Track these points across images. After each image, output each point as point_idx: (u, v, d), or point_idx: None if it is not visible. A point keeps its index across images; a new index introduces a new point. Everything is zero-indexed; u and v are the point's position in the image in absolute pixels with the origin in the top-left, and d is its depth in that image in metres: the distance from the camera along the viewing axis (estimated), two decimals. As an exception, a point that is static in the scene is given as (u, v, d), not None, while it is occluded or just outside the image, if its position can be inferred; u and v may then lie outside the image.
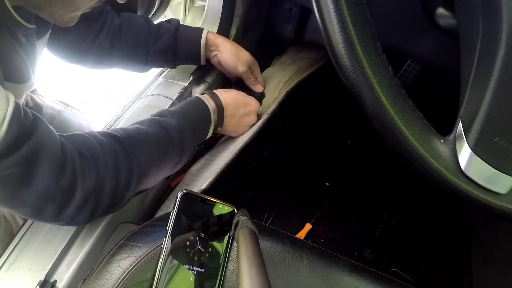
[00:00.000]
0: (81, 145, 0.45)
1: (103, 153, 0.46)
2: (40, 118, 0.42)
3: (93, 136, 0.48)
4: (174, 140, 0.54)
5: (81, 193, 0.44)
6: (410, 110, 0.31)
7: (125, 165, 0.48)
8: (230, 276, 0.41)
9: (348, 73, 0.29)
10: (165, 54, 0.71)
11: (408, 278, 0.81)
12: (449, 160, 0.31)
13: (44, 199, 0.41)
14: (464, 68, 0.34)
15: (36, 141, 0.40)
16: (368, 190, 0.97)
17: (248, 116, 0.70)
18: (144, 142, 0.51)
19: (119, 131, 0.51)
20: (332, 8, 0.28)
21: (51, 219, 0.44)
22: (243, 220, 0.40)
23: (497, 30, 0.27)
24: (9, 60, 0.45)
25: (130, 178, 0.48)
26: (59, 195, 0.42)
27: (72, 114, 0.80)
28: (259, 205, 0.89)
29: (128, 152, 0.48)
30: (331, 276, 0.44)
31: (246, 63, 0.75)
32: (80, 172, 0.43)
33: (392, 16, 0.51)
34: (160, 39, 0.70)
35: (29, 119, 0.40)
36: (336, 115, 1.08)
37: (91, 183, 0.44)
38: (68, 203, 0.43)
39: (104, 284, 0.39)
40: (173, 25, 0.71)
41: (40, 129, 0.41)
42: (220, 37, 0.75)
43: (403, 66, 1.01)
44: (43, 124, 0.42)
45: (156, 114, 0.57)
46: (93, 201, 0.45)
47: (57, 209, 0.43)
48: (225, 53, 0.74)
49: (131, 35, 0.69)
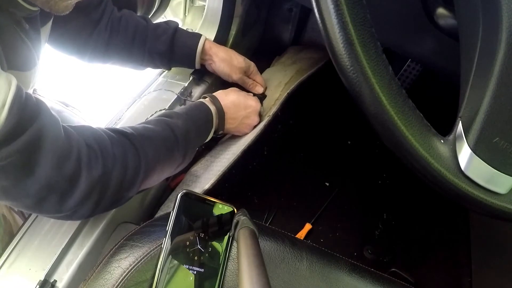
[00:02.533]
0: (89, 136, 0.45)
1: (112, 146, 0.46)
2: (43, 103, 0.41)
3: (103, 131, 0.48)
4: (179, 141, 0.55)
5: (86, 183, 0.43)
6: (410, 110, 0.30)
7: (133, 160, 0.48)
8: (230, 276, 0.41)
9: (348, 73, 0.29)
10: (162, 56, 0.72)
11: (408, 278, 0.81)
12: (449, 160, 0.31)
13: (47, 188, 0.41)
14: (464, 68, 0.34)
15: (39, 127, 0.39)
16: (368, 190, 0.97)
17: (249, 117, 0.71)
18: (152, 140, 0.51)
19: (127, 128, 0.51)
20: (332, 8, 0.28)
21: (53, 210, 0.43)
22: (243, 220, 0.40)
23: (497, 30, 0.27)
24: (13, 47, 0.44)
25: (137, 173, 0.49)
26: (62, 184, 0.41)
27: (72, 114, 0.80)
28: (259, 205, 0.89)
29: (136, 148, 0.49)
30: (331, 276, 0.44)
31: (239, 71, 0.76)
32: (86, 161, 0.43)
33: (392, 16, 0.51)
34: (157, 40, 0.70)
35: (32, 103, 0.39)
36: (336, 115, 1.08)
37: (97, 174, 0.44)
38: (71, 193, 0.43)
39: (104, 284, 0.39)
40: (171, 28, 0.71)
41: (44, 115, 0.40)
42: (215, 46, 0.75)
43: (403, 66, 1.01)
44: (47, 110, 0.41)
45: (162, 114, 0.58)
46: (98, 193, 0.45)
47: (59, 199, 0.42)
48: (218, 63, 0.75)
49: (130, 30, 0.69)
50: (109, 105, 1.26)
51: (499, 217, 0.32)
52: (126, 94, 1.04)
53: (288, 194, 0.92)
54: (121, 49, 0.70)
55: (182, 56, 0.73)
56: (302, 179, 0.96)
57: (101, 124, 0.72)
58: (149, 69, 0.78)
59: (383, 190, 0.97)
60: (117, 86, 1.31)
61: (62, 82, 1.30)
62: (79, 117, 0.81)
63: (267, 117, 0.71)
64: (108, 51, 0.70)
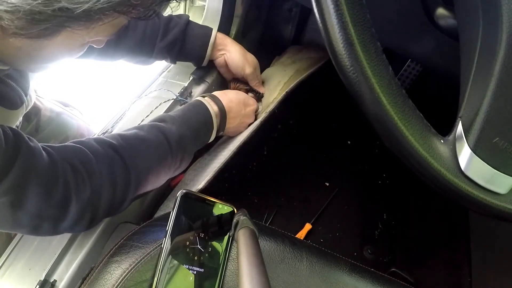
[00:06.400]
0: (73, 158, 0.44)
1: (97, 163, 0.45)
2: (20, 133, 0.40)
3: (88, 146, 0.46)
4: (173, 147, 0.53)
5: (77, 207, 0.43)
6: (410, 110, 0.30)
7: (122, 175, 0.47)
8: (230, 276, 0.41)
9: (348, 73, 0.29)
10: (171, 47, 0.70)
11: (408, 278, 0.81)
12: (449, 160, 0.31)
13: (39, 218, 0.41)
14: (464, 68, 0.34)
15: (21, 165, 0.38)
16: (368, 190, 0.97)
17: (248, 116, 0.70)
18: (142, 150, 0.50)
19: (116, 138, 0.50)
20: (332, 8, 0.28)
21: (50, 233, 0.45)
22: (243, 220, 0.40)
23: (497, 30, 0.27)
24: None
25: (127, 187, 0.48)
26: (53, 212, 0.42)
27: (71, 116, 0.79)
28: (259, 205, 0.89)
29: (125, 161, 0.48)
30: (331, 276, 0.44)
31: (253, 65, 0.75)
32: (73, 186, 0.42)
33: (392, 16, 0.51)
34: (169, 33, 0.68)
35: (11, 141, 0.38)
36: (336, 115, 1.08)
37: (86, 196, 0.43)
38: (64, 218, 0.43)
39: (104, 284, 0.39)
40: (183, 20, 0.70)
41: (24, 148, 0.39)
42: (229, 38, 0.74)
43: (403, 66, 1.01)
44: (25, 142, 0.40)
45: (156, 119, 0.57)
46: (90, 212, 0.45)
47: (53, 225, 0.43)
48: (234, 53, 0.73)
49: (140, 27, 0.67)
50: (109, 105, 1.26)
51: (499, 217, 0.32)
52: (126, 94, 1.04)
53: (288, 194, 0.92)
54: (131, 47, 0.68)
55: (194, 47, 0.71)
56: (302, 179, 0.96)
57: (101, 124, 0.72)
58: (149, 69, 0.78)
59: (383, 190, 0.97)
60: (117, 86, 1.31)
61: (62, 82, 1.30)
62: (78, 119, 0.81)
63: (264, 114, 0.71)
64: (116, 51, 0.68)
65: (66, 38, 0.36)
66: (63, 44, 0.38)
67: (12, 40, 0.35)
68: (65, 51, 0.40)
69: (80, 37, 0.37)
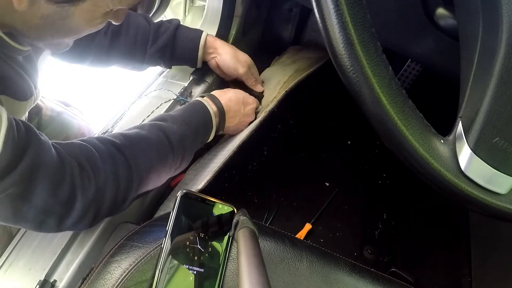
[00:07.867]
0: (80, 155, 0.45)
1: (102, 162, 0.46)
2: (31, 127, 0.41)
3: (92, 144, 0.47)
4: (174, 146, 0.54)
5: (81, 204, 0.44)
6: (410, 110, 0.31)
7: (125, 173, 0.48)
8: (230, 276, 0.41)
9: (348, 73, 0.29)
10: (163, 52, 0.71)
11: (408, 278, 0.81)
12: (449, 161, 0.31)
13: (44, 213, 0.41)
14: (464, 68, 0.34)
15: (32, 156, 0.38)
16: (368, 190, 0.97)
17: (248, 115, 0.70)
18: (144, 149, 0.50)
19: (119, 137, 0.50)
20: (332, 8, 0.28)
21: (54, 230, 0.45)
22: (242, 220, 0.40)
23: (497, 30, 0.27)
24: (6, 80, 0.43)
25: (130, 185, 0.48)
26: (59, 208, 0.42)
27: (72, 115, 0.79)
28: (259, 205, 0.89)
29: (128, 160, 0.48)
30: (331, 276, 0.44)
31: (246, 64, 0.75)
32: (79, 184, 0.43)
33: (392, 16, 0.51)
34: (159, 38, 0.70)
35: (22, 132, 0.38)
36: (336, 115, 1.08)
37: (91, 193, 0.44)
38: (68, 214, 0.43)
39: (104, 284, 0.39)
40: (173, 25, 0.71)
41: (34, 141, 0.39)
42: (219, 40, 0.74)
43: (403, 66, 1.01)
44: (36, 135, 0.41)
45: (157, 118, 0.57)
46: (94, 210, 0.45)
47: (58, 221, 0.43)
48: (224, 55, 0.74)
49: (131, 34, 0.68)
50: (110, 105, 1.26)
51: (499, 217, 0.32)
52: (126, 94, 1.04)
53: (288, 194, 0.92)
54: (122, 53, 0.69)
55: (184, 51, 0.72)
56: (302, 179, 0.96)
57: (101, 124, 0.72)
58: (149, 69, 0.78)
59: (383, 190, 0.97)
60: (117, 86, 1.31)
61: (63, 82, 1.30)
62: (79, 118, 0.81)
63: (264, 113, 0.71)
64: (109, 57, 0.69)
65: (91, 5, 0.39)
66: (88, 12, 0.40)
67: (41, 6, 0.37)
68: (88, 22, 0.42)
69: (104, 3, 0.40)
